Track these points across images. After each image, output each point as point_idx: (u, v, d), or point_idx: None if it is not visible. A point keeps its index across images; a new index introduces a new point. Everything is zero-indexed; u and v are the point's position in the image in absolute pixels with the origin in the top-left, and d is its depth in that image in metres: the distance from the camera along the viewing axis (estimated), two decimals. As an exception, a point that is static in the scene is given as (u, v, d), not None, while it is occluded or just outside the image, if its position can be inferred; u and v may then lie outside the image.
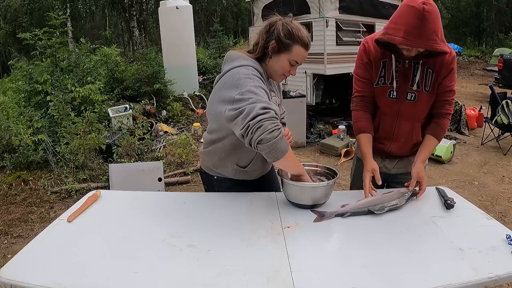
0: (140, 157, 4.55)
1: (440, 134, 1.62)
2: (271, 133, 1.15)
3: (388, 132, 1.65)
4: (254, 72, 1.33)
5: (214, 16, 17.00)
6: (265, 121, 1.14)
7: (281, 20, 1.39)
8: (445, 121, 1.62)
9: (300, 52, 1.40)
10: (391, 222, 1.32)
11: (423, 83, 1.54)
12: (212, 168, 1.58)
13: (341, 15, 5.54)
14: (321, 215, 1.34)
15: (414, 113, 1.60)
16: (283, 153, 1.22)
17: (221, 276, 1.02)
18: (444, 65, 1.51)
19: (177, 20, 7.41)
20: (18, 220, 3.25)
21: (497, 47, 17.16)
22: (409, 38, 1.31)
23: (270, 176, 1.70)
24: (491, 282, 1.02)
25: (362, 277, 1.02)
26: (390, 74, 1.55)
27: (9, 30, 16.57)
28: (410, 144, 1.67)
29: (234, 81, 1.28)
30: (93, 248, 1.14)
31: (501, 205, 3.48)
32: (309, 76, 5.71)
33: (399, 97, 1.57)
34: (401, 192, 1.47)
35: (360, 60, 1.63)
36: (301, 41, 1.38)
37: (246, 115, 1.16)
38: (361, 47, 1.63)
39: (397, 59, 1.53)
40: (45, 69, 5.12)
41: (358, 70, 1.65)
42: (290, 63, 1.41)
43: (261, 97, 1.21)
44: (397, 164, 1.75)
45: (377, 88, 1.61)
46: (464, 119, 6.01)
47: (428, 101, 1.58)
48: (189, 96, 7.40)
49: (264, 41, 1.40)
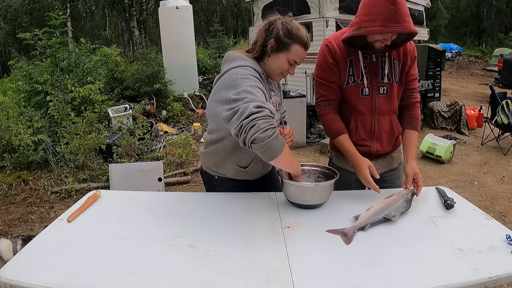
0: (140, 157, 4.55)
1: (417, 125, 1.66)
2: (264, 132, 1.13)
3: (368, 131, 1.62)
4: (252, 72, 1.32)
5: (214, 16, 17.00)
6: (258, 120, 1.13)
7: (280, 19, 1.39)
8: (417, 110, 1.67)
9: (299, 52, 1.39)
10: (391, 222, 1.32)
11: (393, 75, 1.55)
12: (213, 168, 1.58)
13: (341, 15, 5.55)
14: (344, 234, 1.23)
15: (389, 106, 1.60)
16: (277, 153, 1.20)
17: (221, 276, 1.02)
18: (408, 54, 1.56)
19: (177, 20, 7.42)
20: (18, 220, 3.25)
21: (497, 47, 17.18)
22: (387, 25, 1.32)
23: (271, 176, 1.70)
24: (491, 282, 1.02)
25: (362, 277, 1.02)
26: (359, 71, 1.54)
27: (9, 30, 16.57)
28: (393, 138, 1.66)
29: (231, 82, 1.27)
30: (93, 248, 1.14)
31: (501, 205, 3.48)
32: (309, 76, 5.71)
33: (371, 93, 1.56)
34: (402, 194, 1.46)
35: (323, 62, 1.58)
36: (300, 40, 1.37)
37: (240, 114, 1.15)
38: (323, 48, 1.58)
39: (364, 55, 1.52)
40: (45, 69, 5.12)
41: (321, 73, 1.60)
42: (289, 62, 1.41)
43: (256, 97, 1.20)
44: (381, 164, 1.73)
45: (348, 88, 1.57)
46: (464, 119, 6.01)
47: (399, 92, 1.61)
48: (189, 96, 7.40)
49: (263, 39, 1.40)
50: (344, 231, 1.24)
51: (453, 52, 16.58)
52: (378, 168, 1.71)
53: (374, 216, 1.31)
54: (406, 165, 1.57)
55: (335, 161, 1.77)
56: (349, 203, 1.46)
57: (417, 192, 1.51)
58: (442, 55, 6.87)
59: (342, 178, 1.72)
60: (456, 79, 12.38)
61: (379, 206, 1.38)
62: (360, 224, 1.28)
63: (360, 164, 1.52)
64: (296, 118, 4.95)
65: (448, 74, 12.96)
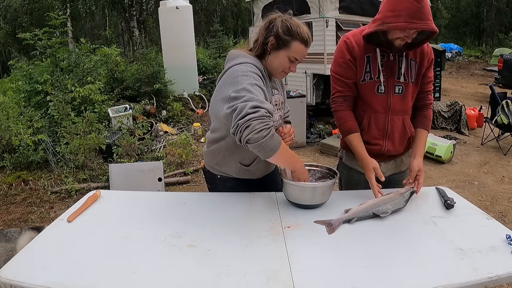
0: (140, 157, 4.55)
1: (428, 125, 1.68)
2: (258, 133, 1.15)
3: (381, 129, 1.62)
4: (253, 68, 1.32)
5: (214, 16, 16.99)
6: (253, 121, 1.14)
7: (280, 17, 1.39)
8: (430, 111, 1.69)
9: (299, 49, 1.39)
10: (391, 222, 1.32)
11: (409, 75, 1.56)
12: (215, 167, 1.58)
13: (341, 15, 5.54)
14: (329, 224, 1.29)
15: (403, 106, 1.60)
16: (272, 152, 1.22)
17: (221, 276, 1.02)
18: (425, 56, 1.58)
19: (177, 20, 7.41)
20: (18, 220, 3.25)
21: (497, 47, 17.17)
22: (411, 21, 1.33)
23: (273, 176, 1.69)
24: (491, 282, 1.02)
25: (362, 277, 1.02)
26: (376, 68, 1.54)
27: (9, 30, 16.56)
28: (405, 138, 1.66)
29: (232, 79, 1.29)
30: (93, 248, 1.14)
31: (501, 205, 3.48)
32: (309, 76, 5.71)
33: (387, 91, 1.56)
34: (400, 193, 1.47)
35: (341, 58, 1.58)
36: (300, 37, 1.37)
37: (237, 114, 1.17)
38: (341, 44, 1.58)
39: (381, 53, 1.53)
40: (45, 69, 5.12)
41: (338, 69, 1.60)
42: (290, 59, 1.41)
43: (254, 95, 1.20)
44: (391, 165, 1.73)
45: (364, 84, 1.57)
46: (464, 119, 6.01)
47: (413, 92, 1.61)
48: (189, 96, 7.40)
49: (263, 38, 1.40)
50: (330, 222, 1.30)
51: (453, 52, 16.58)
52: (387, 170, 1.72)
53: (364, 211, 1.35)
54: (413, 160, 1.58)
55: (345, 160, 1.78)
56: (351, 202, 1.45)
57: (417, 189, 1.51)
58: (442, 55, 6.88)
59: (351, 178, 1.73)
60: (456, 79, 12.38)
61: (372, 202, 1.41)
62: (348, 217, 1.32)
63: (367, 165, 1.54)
64: (296, 118, 4.92)
65: (448, 74, 12.96)
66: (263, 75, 1.38)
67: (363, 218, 1.34)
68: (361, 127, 1.62)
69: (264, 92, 1.30)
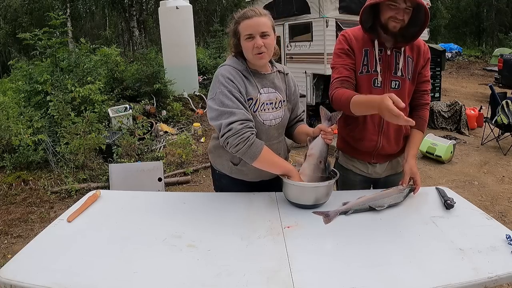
0: (140, 157, 4.55)
1: (424, 126, 1.67)
2: (236, 147, 1.35)
3: (377, 124, 1.59)
4: (228, 71, 1.44)
5: (214, 16, 17.01)
6: (229, 138, 1.35)
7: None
8: (426, 112, 1.68)
9: (246, 24, 1.42)
10: (391, 222, 1.32)
11: (406, 71, 1.56)
12: (213, 163, 1.67)
13: (341, 15, 5.54)
14: (326, 215, 1.34)
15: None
16: (252, 159, 1.38)
17: (221, 276, 1.02)
18: (421, 54, 1.58)
19: (177, 20, 7.41)
20: (18, 220, 3.25)
21: (497, 47, 17.15)
22: None
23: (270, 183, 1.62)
24: (491, 282, 1.02)
25: (362, 277, 1.02)
26: (373, 61, 1.54)
27: (9, 30, 16.54)
28: (400, 136, 1.64)
29: (212, 84, 1.47)
30: (93, 248, 1.14)
31: (501, 205, 3.48)
32: (309, 76, 5.70)
33: (383, 86, 1.56)
34: (399, 189, 1.49)
35: (340, 49, 1.58)
36: (242, 17, 1.43)
37: (218, 132, 1.39)
38: (340, 38, 1.61)
39: (379, 48, 1.53)
40: (45, 69, 5.12)
41: (337, 59, 1.59)
42: (247, 39, 1.43)
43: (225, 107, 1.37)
44: (386, 167, 1.72)
45: (361, 77, 1.56)
46: (464, 119, 6.01)
47: (409, 90, 1.60)
48: (189, 96, 7.40)
49: (230, 41, 1.53)
50: (328, 213, 1.36)
51: (453, 52, 16.57)
52: (383, 171, 1.71)
53: (361, 204, 1.39)
54: (405, 163, 1.57)
55: (341, 161, 1.77)
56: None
57: (415, 190, 1.52)
58: (442, 55, 6.87)
59: (347, 179, 1.72)
60: (456, 79, 12.38)
61: (371, 196, 1.43)
62: (344, 209, 1.37)
63: (381, 99, 1.25)
64: (296, 118, 4.95)
65: (448, 74, 12.96)
66: (244, 74, 1.46)
67: (359, 211, 1.37)
68: (357, 122, 1.61)
69: (240, 92, 1.41)
